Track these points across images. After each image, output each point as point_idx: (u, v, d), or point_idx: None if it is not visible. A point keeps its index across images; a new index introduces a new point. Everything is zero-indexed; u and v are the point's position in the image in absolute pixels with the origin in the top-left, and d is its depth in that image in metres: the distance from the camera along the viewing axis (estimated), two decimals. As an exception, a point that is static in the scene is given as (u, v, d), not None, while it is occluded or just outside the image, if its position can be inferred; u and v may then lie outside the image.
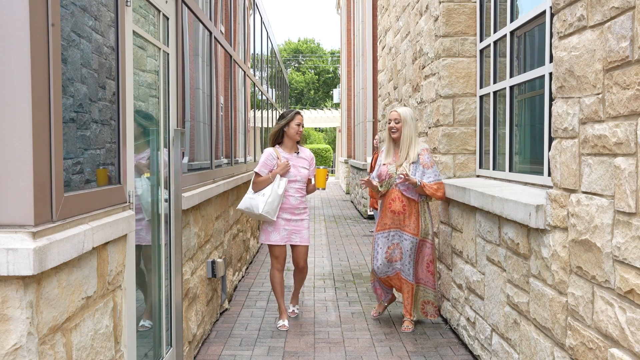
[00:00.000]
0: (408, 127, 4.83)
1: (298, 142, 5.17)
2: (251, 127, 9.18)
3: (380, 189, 4.94)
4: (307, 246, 5.18)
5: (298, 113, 5.12)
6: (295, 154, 5.13)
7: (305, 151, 5.25)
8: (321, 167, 5.47)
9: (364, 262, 8.07)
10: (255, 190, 4.93)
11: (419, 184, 4.70)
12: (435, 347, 4.52)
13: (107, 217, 2.45)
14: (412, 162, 4.80)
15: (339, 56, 45.72)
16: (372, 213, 12.75)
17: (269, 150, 5.08)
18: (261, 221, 5.15)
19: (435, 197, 4.71)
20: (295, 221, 5.06)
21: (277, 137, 5.11)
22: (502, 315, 3.56)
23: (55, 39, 2.01)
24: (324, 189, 5.20)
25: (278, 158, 5.00)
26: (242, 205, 4.94)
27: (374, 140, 11.45)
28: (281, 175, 4.98)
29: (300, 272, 5.31)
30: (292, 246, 5.14)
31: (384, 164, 4.95)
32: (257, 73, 10.58)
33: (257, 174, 4.98)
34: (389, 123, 4.87)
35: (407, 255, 4.87)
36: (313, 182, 5.30)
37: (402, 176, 4.75)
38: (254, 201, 4.88)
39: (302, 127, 5.14)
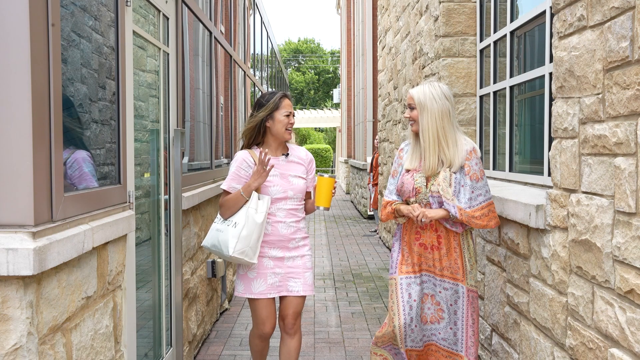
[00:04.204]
0: (430, 115, 3.06)
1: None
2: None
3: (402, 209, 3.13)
4: (305, 297, 3.29)
5: (285, 96, 3.25)
6: (284, 156, 3.29)
7: (299, 151, 3.39)
8: (325, 175, 3.28)
9: (363, 262, 8.07)
10: (225, 217, 3.16)
11: (454, 215, 3.01)
12: (435, 347, 4.52)
13: (107, 217, 2.45)
14: (454, 172, 3.06)
15: (339, 56, 45.76)
16: (372, 213, 12.77)
17: (241, 154, 3.26)
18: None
19: (486, 227, 3.09)
20: (292, 259, 3.24)
21: (255, 136, 3.27)
22: (502, 315, 3.56)
23: (55, 39, 2.01)
24: (327, 208, 3.32)
25: (256, 165, 3.16)
26: (207, 241, 3.21)
27: (374, 141, 11.47)
28: (258, 191, 3.17)
29: (290, 336, 3.29)
30: (282, 296, 3.27)
31: (408, 171, 3.18)
32: (257, 73, 10.58)
33: (225, 192, 3.21)
34: (405, 111, 3.31)
35: (450, 312, 3.12)
36: (313, 196, 3.36)
37: (432, 195, 3.06)
38: (222, 235, 3.10)
39: (293, 116, 3.29)
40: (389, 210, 3.19)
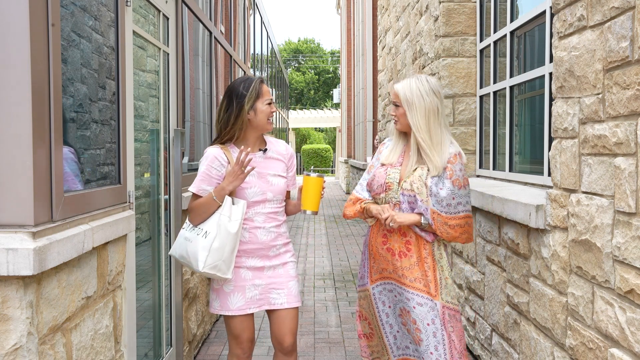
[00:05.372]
0: (416, 112, 2.75)
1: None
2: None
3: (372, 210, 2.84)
4: (297, 309, 2.90)
5: (262, 82, 2.84)
6: (261, 152, 2.85)
7: (278, 145, 2.95)
8: (312, 174, 2.73)
9: (364, 262, 8.08)
10: (194, 223, 2.72)
11: (427, 223, 2.73)
12: (435, 347, 4.52)
13: (107, 217, 2.45)
14: (435, 174, 2.74)
15: (339, 56, 45.79)
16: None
17: (212, 151, 2.78)
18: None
19: (455, 240, 2.80)
20: (273, 268, 2.82)
21: (233, 131, 2.79)
22: (502, 315, 3.56)
23: (55, 39, 2.01)
24: (315, 212, 2.76)
25: (230, 163, 2.74)
26: (174, 250, 2.78)
27: (374, 141, 11.48)
28: (233, 194, 2.74)
29: (287, 357, 2.91)
30: (271, 312, 2.87)
31: (383, 165, 2.89)
32: (257, 73, 10.58)
33: (194, 195, 2.76)
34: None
35: (428, 333, 2.73)
36: (294, 196, 3.00)
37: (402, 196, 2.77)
38: (192, 246, 2.66)
39: (275, 105, 2.90)
40: (357, 208, 2.86)
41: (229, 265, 2.68)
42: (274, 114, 2.88)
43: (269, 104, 2.79)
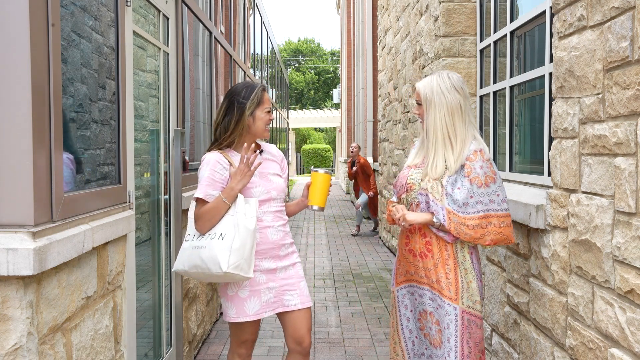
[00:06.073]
0: (438, 111, 2.71)
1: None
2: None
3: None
4: (310, 309, 2.89)
5: (264, 90, 2.86)
6: (258, 153, 2.85)
7: (270, 147, 3.00)
8: (320, 170, 2.81)
9: (363, 262, 8.07)
10: (204, 230, 2.65)
11: (439, 222, 2.64)
12: (435, 347, 4.52)
13: (107, 217, 2.45)
14: (452, 174, 2.67)
15: (339, 56, 45.80)
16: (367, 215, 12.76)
17: (213, 156, 2.77)
18: (219, 283, 2.84)
19: (477, 242, 2.65)
20: (285, 269, 2.83)
21: (233, 136, 2.80)
22: (502, 315, 3.56)
23: (55, 39, 2.01)
24: (322, 209, 2.84)
25: (232, 165, 2.74)
26: (182, 263, 2.67)
27: (351, 148, 11.46)
28: (242, 193, 2.71)
29: (304, 357, 2.88)
30: (285, 314, 2.85)
31: (408, 167, 2.86)
32: (257, 73, 10.59)
33: (200, 201, 2.69)
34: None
35: (451, 336, 2.65)
36: (294, 195, 2.96)
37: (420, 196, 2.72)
38: (206, 252, 2.58)
39: (272, 112, 2.91)
40: (389, 210, 2.86)
41: (250, 263, 2.64)
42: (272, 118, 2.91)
43: (268, 112, 2.82)
